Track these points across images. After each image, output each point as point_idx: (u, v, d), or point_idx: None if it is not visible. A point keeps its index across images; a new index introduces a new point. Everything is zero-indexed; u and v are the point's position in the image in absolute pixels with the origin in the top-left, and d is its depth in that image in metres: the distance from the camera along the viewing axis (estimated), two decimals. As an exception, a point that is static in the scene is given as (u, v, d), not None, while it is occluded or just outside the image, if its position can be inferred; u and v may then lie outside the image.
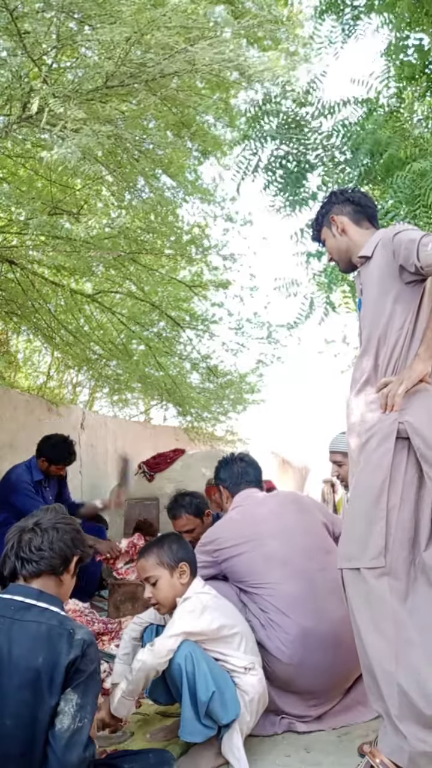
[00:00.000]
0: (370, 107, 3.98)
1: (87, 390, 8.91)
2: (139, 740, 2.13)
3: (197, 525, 3.10)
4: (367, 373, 2.00)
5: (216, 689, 1.86)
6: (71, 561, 1.69)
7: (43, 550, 1.61)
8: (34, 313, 5.48)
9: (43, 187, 4.40)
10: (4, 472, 4.28)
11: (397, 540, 1.79)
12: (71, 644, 1.48)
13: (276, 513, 2.50)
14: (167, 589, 2.06)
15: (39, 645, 1.47)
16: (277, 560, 2.32)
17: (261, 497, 2.62)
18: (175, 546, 2.13)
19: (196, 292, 5.89)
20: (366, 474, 1.87)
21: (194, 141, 3.98)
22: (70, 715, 1.44)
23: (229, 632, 2.01)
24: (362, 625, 1.78)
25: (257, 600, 2.28)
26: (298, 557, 2.33)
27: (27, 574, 1.60)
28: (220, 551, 2.39)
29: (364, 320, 2.07)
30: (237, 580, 2.37)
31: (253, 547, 2.35)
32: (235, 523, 2.47)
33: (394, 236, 1.96)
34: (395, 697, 1.69)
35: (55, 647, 1.47)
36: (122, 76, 2.00)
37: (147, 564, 2.09)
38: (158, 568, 2.07)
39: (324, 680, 2.22)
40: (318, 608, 2.21)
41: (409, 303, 1.96)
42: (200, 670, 1.87)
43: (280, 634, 2.18)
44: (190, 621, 1.95)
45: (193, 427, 8.22)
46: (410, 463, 1.85)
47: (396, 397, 1.82)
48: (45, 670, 1.44)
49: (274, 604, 2.23)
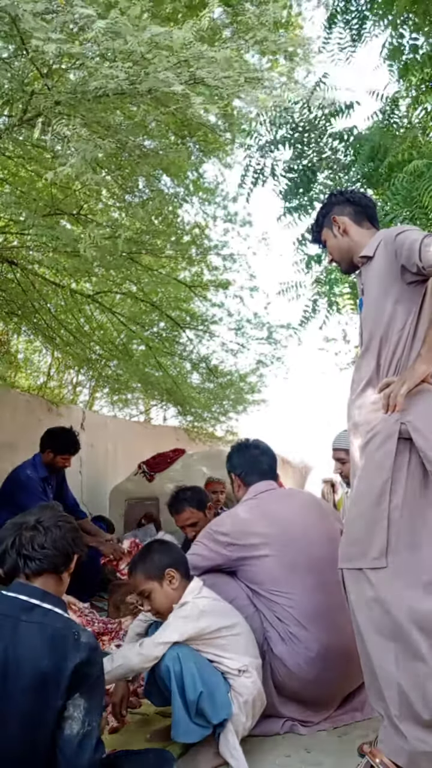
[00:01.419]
0: (386, 115, 4.00)
1: (87, 390, 8.92)
2: (139, 740, 2.13)
3: (200, 518, 3.06)
4: (369, 374, 1.99)
5: (204, 688, 1.85)
6: (72, 560, 1.69)
7: (47, 549, 1.61)
8: (34, 314, 5.49)
9: (43, 187, 4.40)
10: (3, 471, 4.29)
11: (401, 540, 1.79)
12: (77, 648, 1.48)
13: (299, 516, 2.39)
14: (161, 598, 2.05)
15: (44, 647, 1.47)
16: (302, 569, 2.22)
17: (280, 494, 2.49)
18: (157, 555, 2.10)
19: (197, 293, 5.89)
20: (368, 474, 1.87)
21: (195, 141, 3.99)
22: (80, 720, 1.45)
23: (228, 633, 2.01)
24: (363, 626, 1.78)
25: (275, 608, 2.19)
26: (322, 567, 2.21)
27: (29, 572, 1.60)
28: (235, 546, 2.27)
29: (365, 320, 2.07)
30: (253, 582, 2.26)
31: (276, 551, 2.24)
32: (255, 520, 2.33)
33: (396, 236, 1.96)
34: (396, 698, 1.69)
35: (61, 650, 1.47)
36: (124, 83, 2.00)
37: (137, 580, 2.09)
38: (147, 582, 2.07)
39: (333, 692, 2.22)
40: (337, 623, 2.13)
41: (410, 303, 1.96)
42: (188, 670, 1.87)
43: (301, 649, 2.12)
44: (182, 627, 1.94)
45: (193, 427, 8.23)
46: (412, 464, 1.84)
47: (398, 397, 1.81)
48: (50, 672, 1.44)
49: (295, 616, 2.16)
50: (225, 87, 2.15)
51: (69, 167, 2.11)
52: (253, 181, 4.20)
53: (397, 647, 1.71)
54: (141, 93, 2.11)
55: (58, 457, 4.05)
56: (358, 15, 3.99)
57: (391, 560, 1.77)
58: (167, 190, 4.56)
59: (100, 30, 1.82)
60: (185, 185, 4.75)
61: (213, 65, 2.05)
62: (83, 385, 8.73)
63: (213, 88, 2.16)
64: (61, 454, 4.05)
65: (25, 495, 3.85)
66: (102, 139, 2.20)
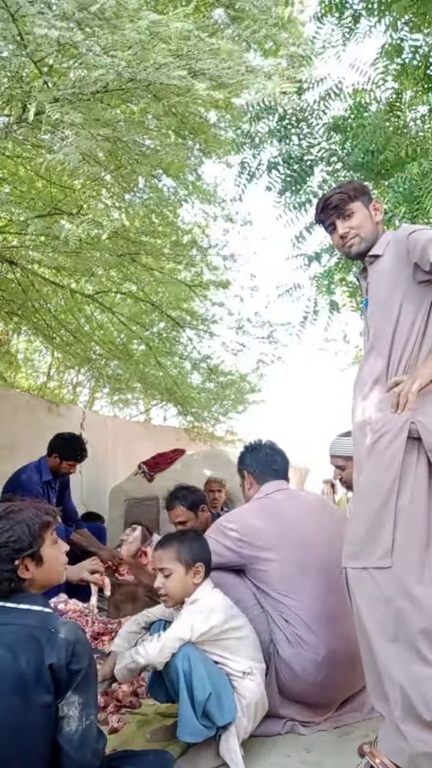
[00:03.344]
0: (360, 99, 3.99)
1: (87, 390, 8.93)
2: (139, 740, 2.13)
3: (190, 518, 3.10)
4: (378, 373, 1.98)
5: (213, 690, 1.86)
6: (24, 552, 1.58)
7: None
8: (34, 313, 5.49)
9: (43, 187, 4.40)
10: (3, 472, 4.29)
11: (407, 540, 1.78)
12: (54, 644, 1.46)
13: (310, 517, 2.37)
14: (178, 584, 2.05)
15: (21, 648, 1.45)
16: (313, 571, 2.20)
17: (290, 494, 2.48)
18: (196, 545, 2.11)
19: (197, 292, 5.89)
20: (376, 473, 1.85)
21: (195, 140, 3.98)
22: (77, 718, 1.45)
23: (234, 635, 2.00)
24: (368, 625, 1.77)
25: (282, 610, 2.17)
26: (333, 570, 2.15)
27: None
28: (246, 544, 2.24)
29: (372, 319, 2.06)
30: (262, 581, 2.23)
31: (285, 551, 2.22)
32: (265, 519, 2.30)
33: (409, 235, 1.96)
34: (398, 699, 1.68)
35: (37, 649, 1.45)
36: (122, 80, 2.00)
37: (165, 556, 2.09)
38: (175, 562, 2.06)
39: (336, 695, 2.22)
40: (345, 628, 2.10)
41: (420, 302, 1.96)
42: (197, 671, 1.87)
43: (309, 654, 2.10)
44: (194, 622, 1.94)
45: (193, 427, 8.22)
46: (421, 464, 1.83)
47: (409, 395, 1.79)
48: (29, 672, 1.43)
49: (303, 618, 2.14)
50: (228, 76, 2.13)
51: (63, 155, 2.10)
52: (248, 178, 4.18)
53: (400, 648, 1.71)
54: (140, 87, 2.10)
55: (64, 463, 4.06)
56: (353, 14, 3.99)
57: (396, 560, 1.77)
58: (167, 191, 4.55)
59: (100, 10, 1.79)
60: (185, 185, 4.74)
61: (214, 55, 2.03)
62: (83, 385, 8.75)
63: (216, 78, 2.14)
64: (67, 460, 4.06)
65: (23, 494, 3.84)
66: (100, 135, 2.19)
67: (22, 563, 1.57)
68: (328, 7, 3.94)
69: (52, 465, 4.07)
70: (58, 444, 4.08)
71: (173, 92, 2.26)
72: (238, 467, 2.64)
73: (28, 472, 4.01)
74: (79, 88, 2.07)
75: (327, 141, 4.01)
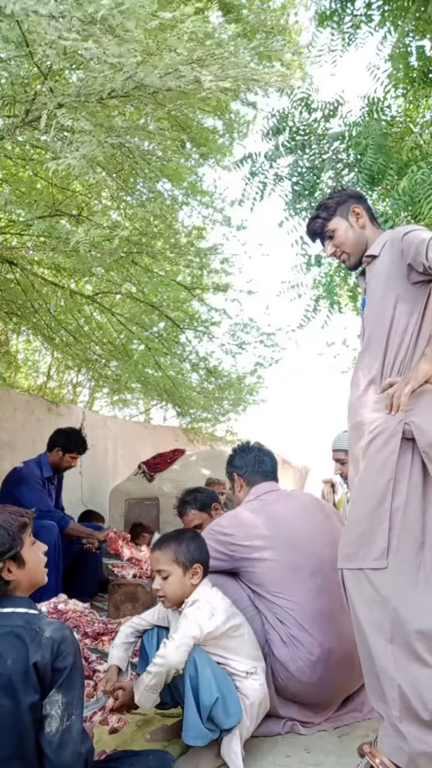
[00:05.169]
0: (371, 105, 4.01)
1: (87, 390, 8.93)
2: (139, 740, 2.14)
3: (205, 519, 3.04)
4: (372, 373, 1.98)
5: (219, 695, 1.84)
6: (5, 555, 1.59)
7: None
8: (34, 314, 5.50)
9: (43, 188, 4.41)
10: (3, 471, 4.30)
11: (402, 541, 1.79)
12: (39, 644, 1.47)
13: (302, 517, 2.36)
14: (177, 586, 2.04)
15: (7, 648, 1.46)
16: (305, 571, 2.20)
17: (283, 495, 2.48)
18: (193, 545, 2.09)
19: (195, 295, 5.91)
20: (370, 474, 1.86)
21: (194, 144, 4.00)
22: (58, 717, 1.44)
23: (235, 633, 2.00)
24: (365, 626, 1.78)
25: (276, 610, 2.17)
26: (326, 570, 2.18)
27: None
28: (237, 547, 2.25)
29: (368, 319, 2.07)
30: (254, 583, 2.24)
31: (278, 552, 2.21)
32: (257, 521, 2.30)
33: (404, 235, 1.96)
34: (396, 699, 1.69)
35: (22, 649, 1.46)
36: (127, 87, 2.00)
37: (162, 557, 2.07)
38: (172, 564, 2.05)
39: (334, 694, 2.22)
40: (339, 626, 2.12)
41: (415, 303, 1.96)
42: (204, 675, 1.85)
43: (304, 654, 2.10)
44: (203, 622, 1.93)
45: (192, 428, 8.23)
46: (415, 464, 1.84)
47: (402, 397, 1.80)
48: (15, 672, 1.44)
49: (297, 619, 2.14)
50: (233, 66, 2.13)
51: (72, 159, 2.11)
52: (259, 193, 4.20)
53: (397, 648, 1.72)
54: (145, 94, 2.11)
55: (67, 456, 4.09)
56: (353, 19, 3.99)
57: (391, 561, 1.78)
58: (166, 194, 4.56)
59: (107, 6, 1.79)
60: (184, 188, 4.75)
61: (219, 48, 2.03)
62: (83, 385, 8.75)
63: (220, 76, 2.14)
64: (70, 453, 4.09)
65: (22, 487, 3.88)
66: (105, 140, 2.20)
67: (5, 566, 1.58)
68: (323, 16, 3.96)
69: (53, 460, 4.10)
70: (60, 437, 4.12)
71: (176, 96, 2.27)
72: (227, 470, 2.64)
73: (29, 466, 4.04)
74: (85, 96, 2.08)
75: (333, 151, 4.03)
